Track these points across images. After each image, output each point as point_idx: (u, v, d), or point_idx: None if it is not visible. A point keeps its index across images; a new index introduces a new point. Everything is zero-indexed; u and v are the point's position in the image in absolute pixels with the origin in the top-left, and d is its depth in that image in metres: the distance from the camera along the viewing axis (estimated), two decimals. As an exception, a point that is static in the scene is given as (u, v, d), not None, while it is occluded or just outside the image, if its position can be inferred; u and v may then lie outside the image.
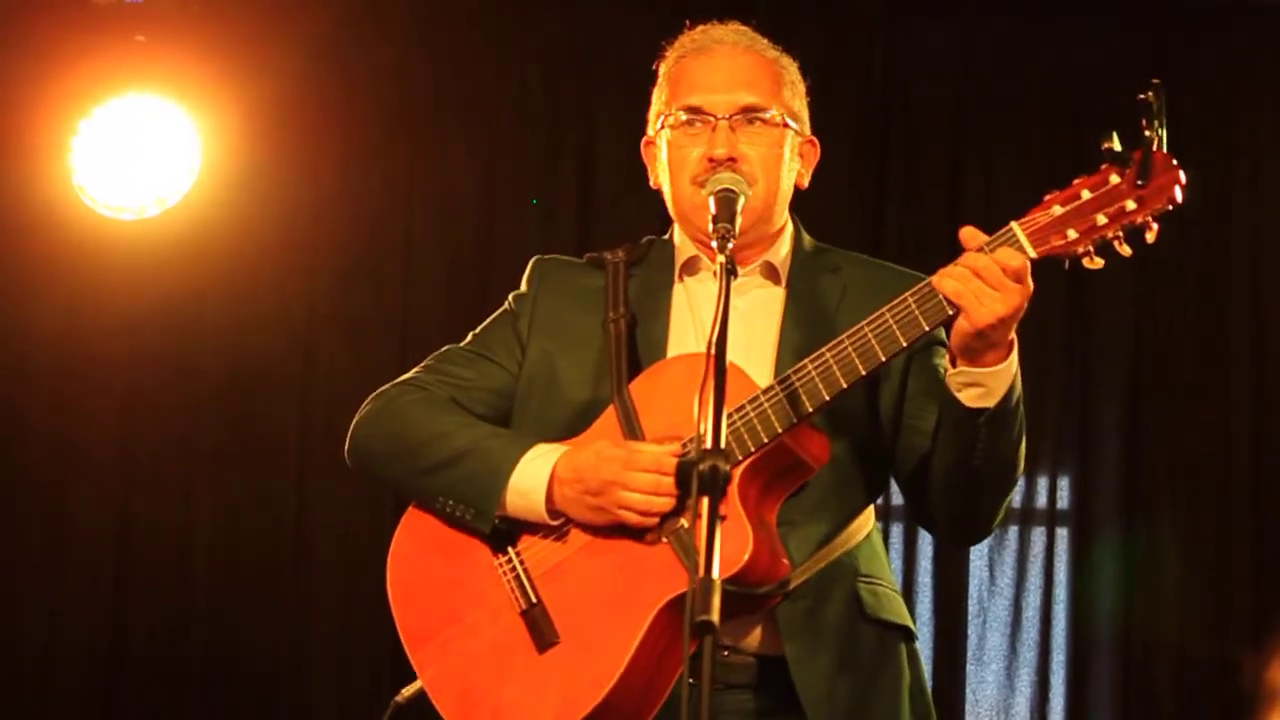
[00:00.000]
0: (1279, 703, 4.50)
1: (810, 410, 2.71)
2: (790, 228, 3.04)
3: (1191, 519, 5.28)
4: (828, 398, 2.70)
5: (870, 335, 2.68)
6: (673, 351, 2.90)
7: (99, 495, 5.44)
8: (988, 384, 2.65)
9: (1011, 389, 2.67)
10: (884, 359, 2.68)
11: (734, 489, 2.69)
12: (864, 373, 2.68)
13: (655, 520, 2.74)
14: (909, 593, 5.33)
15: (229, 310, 5.41)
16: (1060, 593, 5.34)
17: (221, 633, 5.42)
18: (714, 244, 2.71)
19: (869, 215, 5.44)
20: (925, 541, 5.37)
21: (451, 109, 5.54)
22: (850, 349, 2.69)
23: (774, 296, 2.96)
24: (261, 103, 5.38)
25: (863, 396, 2.86)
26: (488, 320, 3.10)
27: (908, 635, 2.93)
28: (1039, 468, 5.35)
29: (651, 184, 3.06)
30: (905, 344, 2.67)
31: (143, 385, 5.45)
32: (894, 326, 2.66)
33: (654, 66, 3.08)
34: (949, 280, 2.61)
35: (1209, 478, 5.31)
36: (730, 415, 2.70)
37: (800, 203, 3.07)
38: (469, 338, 3.09)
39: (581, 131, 5.52)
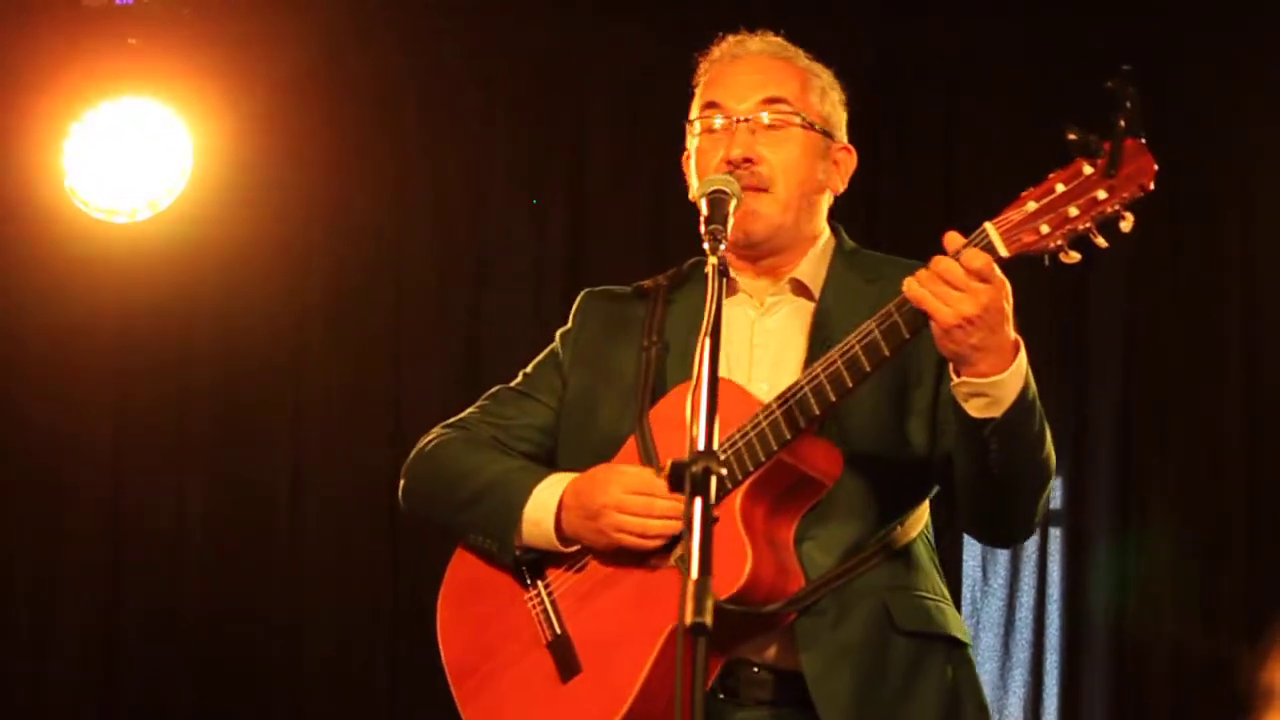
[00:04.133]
0: (1275, 703, 4.50)
1: (803, 425, 2.68)
2: (827, 236, 3.00)
3: (1185, 518, 5.28)
4: (818, 412, 2.68)
5: (857, 347, 2.65)
6: None
7: (93, 487, 5.46)
8: (992, 394, 2.59)
9: (1022, 394, 2.61)
10: (869, 369, 2.64)
11: (735, 510, 2.68)
12: (851, 385, 2.66)
13: (654, 542, 2.73)
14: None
15: (221, 311, 5.43)
16: (1054, 593, 5.33)
17: (215, 622, 5.43)
18: (705, 245, 2.67)
19: (857, 218, 5.43)
20: (919, 542, 5.37)
21: (442, 109, 5.54)
22: (840, 363, 2.66)
23: (804, 313, 2.92)
24: (253, 105, 5.38)
25: (889, 405, 2.83)
26: (537, 358, 3.10)
27: (951, 645, 2.87)
28: (1032, 467, 5.35)
29: (690, 198, 3.00)
30: (889, 353, 2.64)
31: (135, 386, 5.46)
32: (878, 336, 2.64)
33: (693, 84, 3.06)
34: (912, 283, 2.58)
35: (1202, 477, 5.31)
36: (733, 435, 2.70)
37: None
38: (519, 376, 3.10)
39: (572, 133, 5.53)
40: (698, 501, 2.18)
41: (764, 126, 2.89)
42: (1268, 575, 5.23)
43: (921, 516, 2.92)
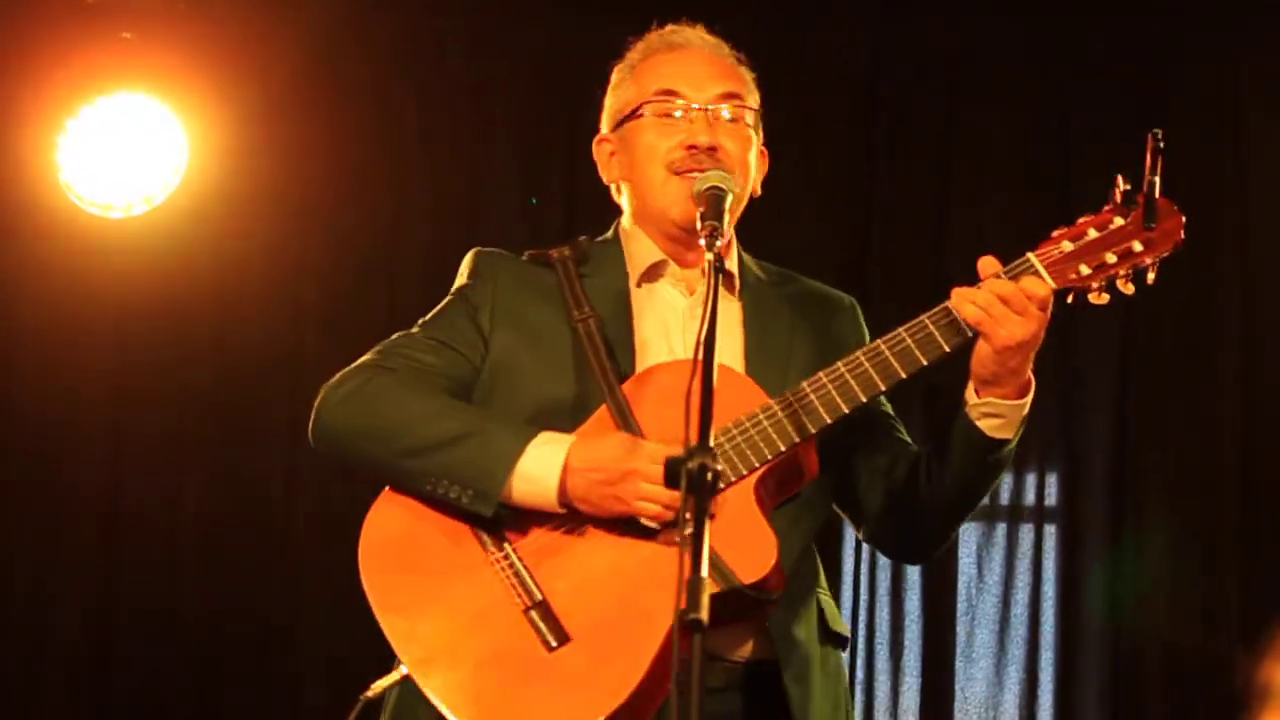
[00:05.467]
0: (1270, 701, 4.51)
1: (828, 422, 2.74)
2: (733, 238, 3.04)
3: (1180, 516, 5.28)
4: (846, 410, 2.75)
5: (888, 353, 2.74)
6: (640, 358, 2.88)
7: (90, 485, 5.46)
8: (1010, 416, 2.76)
9: (1022, 425, 2.78)
10: (904, 376, 2.74)
11: (752, 495, 2.72)
12: (883, 388, 2.75)
13: (672, 516, 2.70)
14: (898, 590, 5.34)
15: (217, 307, 5.42)
16: (1049, 590, 5.33)
17: (213, 621, 5.43)
18: (702, 241, 2.69)
19: (855, 217, 5.44)
20: (914, 539, 5.36)
21: (439, 107, 5.54)
22: (868, 365, 2.75)
23: (731, 305, 2.96)
24: (248, 100, 5.37)
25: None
26: (439, 310, 3.05)
27: (845, 645, 2.99)
28: (1027, 464, 5.35)
29: (605, 180, 3.08)
30: (926, 363, 2.74)
31: (132, 383, 5.46)
32: (912, 346, 2.74)
33: (611, 66, 3.08)
34: (970, 306, 2.69)
35: (1198, 474, 5.31)
36: (743, 422, 2.74)
37: (789, 204, 3.07)
38: (419, 326, 3.03)
39: (568, 140, 5.52)
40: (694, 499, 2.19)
41: (722, 118, 2.93)
42: (1263, 574, 5.24)
43: None
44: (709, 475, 2.19)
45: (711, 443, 2.66)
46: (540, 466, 2.75)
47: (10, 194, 5.34)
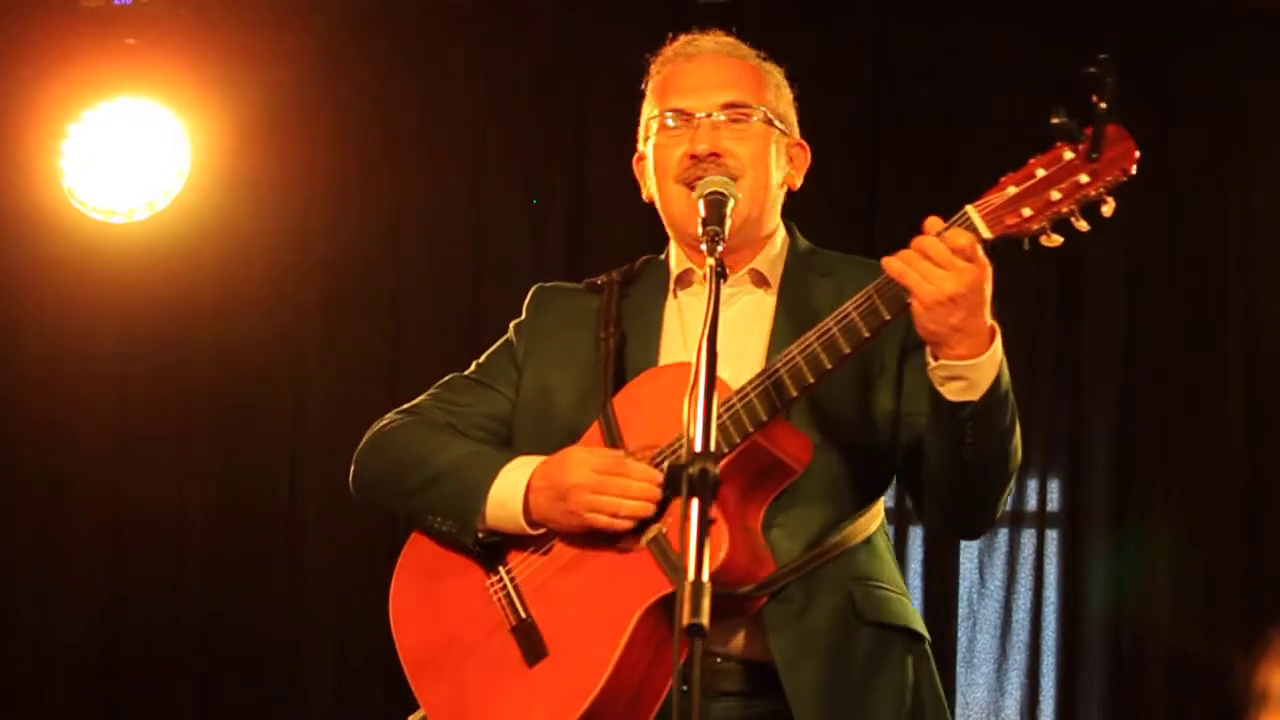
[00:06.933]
0: (1270, 705, 4.50)
1: (779, 408, 2.69)
2: (782, 232, 3.04)
3: (1182, 520, 5.27)
4: (794, 394, 2.69)
5: (835, 330, 2.67)
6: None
7: (93, 489, 5.47)
8: (970, 377, 2.62)
9: (997, 381, 2.63)
10: (848, 351, 2.66)
11: None
12: (830, 367, 2.67)
13: (627, 524, 2.73)
14: (899, 595, 5.33)
15: (219, 311, 5.43)
16: (1050, 595, 5.33)
17: (216, 624, 5.43)
18: (703, 246, 2.70)
19: (860, 220, 5.44)
20: (915, 544, 5.36)
21: (441, 112, 5.54)
22: (816, 345, 2.68)
23: (764, 304, 2.96)
24: (251, 105, 5.38)
25: (856, 396, 2.85)
26: (491, 348, 3.12)
27: (913, 638, 2.88)
28: (1029, 469, 5.35)
29: (644, 198, 3.08)
30: (868, 334, 2.65)
31: (135, 388, 5.46)
32: (856, 319, 2.66)
33: (643, 85, 3.09)
34: (895, 261, 2.61)
35: (1200, 479, 5.30)
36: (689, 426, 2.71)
37: (790, 208, 3.07)
38: (472, 366, 3.11)
39: (571, 143, 5.52)
40: (695, 502, 2.19)
41: (727, 122, 2.93)
42: (1265, 578, 5.23)
43: (880, 511, 2.95)
44: (709, 479, 2.19)
45: (667, 447, 2.72)
46: (507, 491, 2.83)
47: (13, 199, 5.35)
